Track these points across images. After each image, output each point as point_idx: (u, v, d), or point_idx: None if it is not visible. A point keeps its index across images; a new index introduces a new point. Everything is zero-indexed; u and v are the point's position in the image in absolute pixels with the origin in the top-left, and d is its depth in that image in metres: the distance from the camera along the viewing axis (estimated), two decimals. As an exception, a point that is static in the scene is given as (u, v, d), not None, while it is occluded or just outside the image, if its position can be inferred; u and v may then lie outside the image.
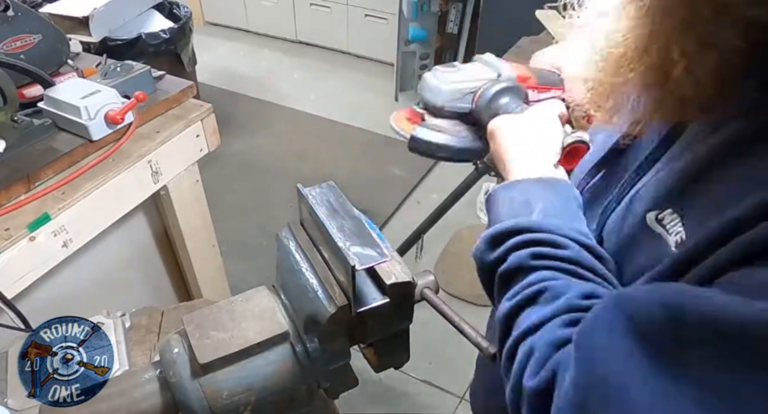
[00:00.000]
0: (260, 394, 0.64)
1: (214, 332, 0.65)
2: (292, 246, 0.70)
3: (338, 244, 0.60)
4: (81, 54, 1.49)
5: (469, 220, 2.52)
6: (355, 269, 0.57)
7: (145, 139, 1.22)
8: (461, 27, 3.09)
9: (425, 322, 2.09)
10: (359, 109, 3.32)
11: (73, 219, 1.09)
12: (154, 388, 0.66)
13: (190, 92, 1.35)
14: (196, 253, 1.47)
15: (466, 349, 2.13)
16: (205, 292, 1.55)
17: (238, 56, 3.92)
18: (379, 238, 0.64)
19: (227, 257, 1.66)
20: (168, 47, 2.40)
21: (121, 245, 1.33)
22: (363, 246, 0.62)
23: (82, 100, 1.13)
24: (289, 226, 0.72)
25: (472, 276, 1.73)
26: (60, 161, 1.12)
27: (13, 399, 0.86)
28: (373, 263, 0.60)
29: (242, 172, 2.85)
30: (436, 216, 2.10)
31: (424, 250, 2.34)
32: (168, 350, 0.65)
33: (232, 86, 3.54)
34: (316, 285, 0.64)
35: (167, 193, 1.32)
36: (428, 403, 1.91)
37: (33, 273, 1.06)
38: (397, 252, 0.66)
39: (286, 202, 2.61)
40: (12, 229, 1.01)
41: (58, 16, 2.08)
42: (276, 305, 0.69)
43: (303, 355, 0.66)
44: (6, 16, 1.17)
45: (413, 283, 0.63)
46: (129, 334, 1.02)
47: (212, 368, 0.63)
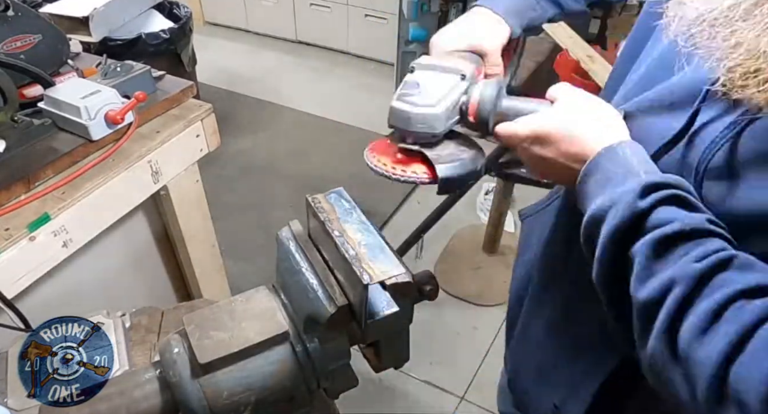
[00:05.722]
0: (260, 394, 0.64)
1: (214, 332, 0.65)
2: (292, 246, 0.70)
3: (349, 260, 0.60)
4: (81, 54, 1.49)
5: (469, 220, 2.52)
6: (368, 286, 0.57)
7: (145, 139, 1.22)
8: (461, 27, 3.09)
9: (425, 322, 2.10)
10: (359, 109, 3.32)
11: (73, 219, 1.09)
12: (154, 388, 0.66)
13: (190, 92, 1.35)
14: (196, 253, 1.47)
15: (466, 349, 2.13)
16: (205, 292, 1.55)
17: (238, 56, 3.92)
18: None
19: (227, 257, 1.66)
20: (168, 47, 2.40)
21: (121, 245, 1.33)
22: (374, 259, 0.62)
23: (82, 100, 1.13)
24: (289, 226, 0.72)
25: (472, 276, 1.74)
26: (60, 161, 1.12)
27: (13, 399, 0.86)
28: (384, 278, 0.60)
29: (242, 172, 2.85)
30: (436, 216, 2.10)
31: (424, 250, 2.34)
32: (168, 350, 0.65)
33: (232, 86, 3.54)
34: (316, 285, 0.64)
35: (167, 193, 1.32)
36: (428, 403, 1.91)
37: (33, 273, 1.06)
38: (397, 252, 0.66)
39: (286, 202, 2.61)
40: (12, 229, 1.01)
41: (58, 16, 2.08)
42: (276, 305, 0.69)
43: (303, 355, 0.66)
44: (6, 16, 1.17)
45: (413, 283, 0.64)
46: (129, 334, 1.02)
47: (212, 368, 0.63)
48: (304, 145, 3.07)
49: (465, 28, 0.80)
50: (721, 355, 0.45)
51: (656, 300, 0.50)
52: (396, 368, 0.73)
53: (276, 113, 3.33)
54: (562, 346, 0.86)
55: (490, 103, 0.69)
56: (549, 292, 0.87)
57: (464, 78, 0.70)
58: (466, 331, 2.09)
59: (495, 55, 0.78)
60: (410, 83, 0.69)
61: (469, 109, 0.70)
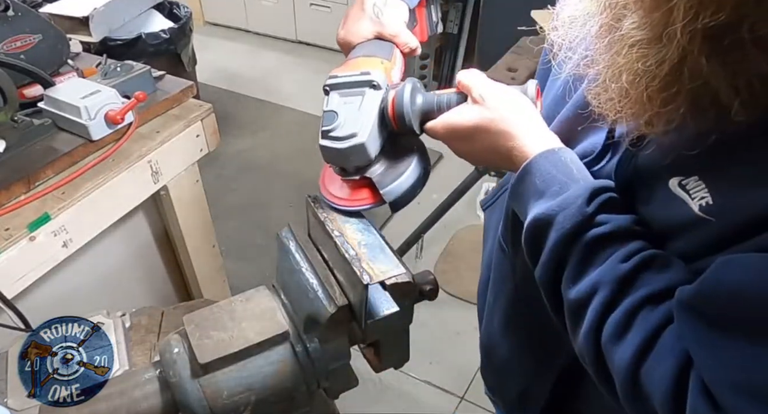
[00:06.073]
0: (260, 394, 0.64)
1: (214, 332, 0.65)
2: (292, 246, 0.70)
3: (349, 260, 0.60)
4: (81, 54, 1.49)
5: (469, 220, 2.52)
6: (368, 286, 0.57)
7: (145, 139, 1.22)
8: (461, 27, 3.09)
9: (425, 322, 2.10)
10: (359, 109, 3.31)
11: (73, 219, 1.09)
12: (154, 388, 0.66)
13: (190, 92, 1.35)
14: (196, 253, 1.47)
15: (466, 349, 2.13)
16: (205, 292, 1.55)
17: (238, 56, 3.91)
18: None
19: (227, 257, 1.67)
20: (168, 47, 2.40)
21: (121, 245, 1.33)
22: (374, 259, 0.62)
23: (82, 100, 1.13)
24: (289, 226, 0.72)
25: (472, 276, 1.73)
26: (60, 161, 1.12)
27: (13, 399, 0.86)
28: (383, 278, 0.60)
29: (242, 172, 2.85)
30: (436, 216, 2.10)
31: (424, 250, 2.34)
32: (168, 350, 0.65)
33: (232, 86, 3.54)
34: (316, 285, 0.64)
35: (167, 193, 1.32)
36: (428, 403, 1.91)
37: (33, 273, 1.06)
38: (397, 252, 0.66)
39: (286, 202, 2.61)
40: (12, 229, 1.01)
41: (58, 16, 2.08)
42: (276, 305, 0.69)
43: (303, 355, 0.66)
44: (6, 16, 1.17)
45: (413, 283, 0.64)
46: (129, 334, 1.02)
47: (212, 368, 0.63)
48: (304, 145, 3.07)
49: (360, 19, 0.76)
50: (631, 358, 0.50)
51: (583, 302, 0.55)
52: (396, 368, 0.73)
53: (276, 113, 3.33)
54: (518, 338, 0.87)
55: (407, 107, 0.66)
56: (504, 284, 0.87)
57: (376, 86, 0.67)
58: (466, 331, 2.09)
59: (402, 34, 0.75)
60: (328, 115, 0.66)
61: (389, 118, 0.67)
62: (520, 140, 0.62)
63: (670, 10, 0.42)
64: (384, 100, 0.67)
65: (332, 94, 0.69)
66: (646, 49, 0.46)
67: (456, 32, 3.13)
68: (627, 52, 0.47)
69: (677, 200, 0.52)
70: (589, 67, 0.56)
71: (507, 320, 0.88)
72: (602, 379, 0.55)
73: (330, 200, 0.70)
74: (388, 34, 0.74)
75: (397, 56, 0.75)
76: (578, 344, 0.57)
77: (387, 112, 0.67)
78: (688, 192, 0.51)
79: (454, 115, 0.66)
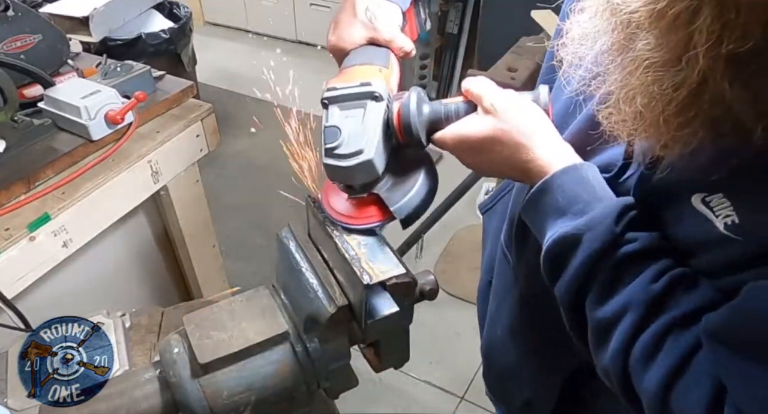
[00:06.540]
0: (260, 394, 0.64)
1: (214, 332, 0.65)
2: (292, 246, 0.70)
3: (349, 260, 0.60)
4: (81, 54, 1.49)
5: (469, 220, 2.52)
6: (368, 286, 0.57)
7: (145, 139, 1.22)
8: (461, 27, 3.09)
9: (425, 322, 2.10)
10: (359, 109, 3.31)
11: (73, 219, 1.09)
12: (154, 388, 0.66)
13: (190, 92, 1.35)
14: (196, 253, 1.47)
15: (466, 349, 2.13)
16: (205, 292, 1.55)
17: (238, 56, 3.91)
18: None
19: (227, 257, 1.66)
20: (168, 47, 2.40)
21: (121, 245, 1.33)
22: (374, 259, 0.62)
23: (82, 100, 1.13)
24: (289, 226, 0.72)
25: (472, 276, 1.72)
26: (60, 161, 1.12)
27: (13, 399, 0.86)
28: (383, 278, 0.60)
29: (242, 172, 2.85)
30: (436, 216, 2.10)
31: (424, 250, 2.34)
32: (168, 350, 0.65)
33: (232, 86, 3.54)
34: (316, 285, 0.64)
35: (167, 193, 1.32)
36: (428, 403, 1.91)
37: (33, 273, 1.06)
38: (397, 252, 0.66)
39: (286, 202, 2.61)
40: (12, 229, 1.01)
41: (58, 16, 2.08)
42: (276, 305, 0.69)
43: (303, 355, 0.66)
44: (6, 16, 1.17)
45: (413, 283, 0.64)
46: (129, 334, 1.02)
47: (212, 368, 0.63)
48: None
49: (351, 24, 0.73)
50: (662, 382, 0.50)
51: (612, 321, 0.54)
52: (396, 368, 0.73)
53: (276, 113, 3.33)
54: (522, 347, 0.86)
55: (414, 118, 0.63)
56: (507, 293, 0.86)
57: (378, 98, 0.64)
58: (466, 331, 2.09)
59: (398, 38, 0.72)
60: (330, 131, 0.63)
61: (395, 130, 0.65)
62: (536, 153, 0.59)
63: (690, 34, 0.40)
64: (387, 112, 0.65)
65: (332, 107, 0.66)
66: (662, 71, 0.44)
67: (456, 32, 3.13)
68: (641, 74, 0.46)
69: (700, 217, 0.50)
70: (599, 86, 0.54)
71: (511, 328, 0.87)
72: (629, 398, 0.55)
73: (336, 219, 0.67)
74: (383, 39, 0.72)
75: (394, 62, 0.72)
76: (603, 363, 0.56)
77: (392, 124, 0.65)
78: (711, 209, 0.49)
79: (464, 126, 0.63)
